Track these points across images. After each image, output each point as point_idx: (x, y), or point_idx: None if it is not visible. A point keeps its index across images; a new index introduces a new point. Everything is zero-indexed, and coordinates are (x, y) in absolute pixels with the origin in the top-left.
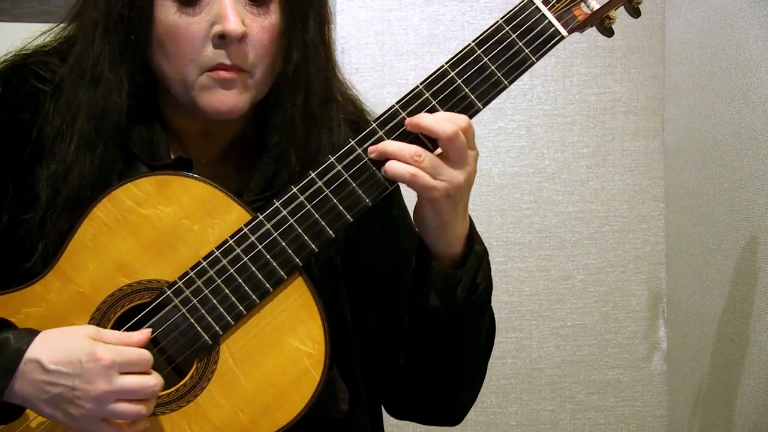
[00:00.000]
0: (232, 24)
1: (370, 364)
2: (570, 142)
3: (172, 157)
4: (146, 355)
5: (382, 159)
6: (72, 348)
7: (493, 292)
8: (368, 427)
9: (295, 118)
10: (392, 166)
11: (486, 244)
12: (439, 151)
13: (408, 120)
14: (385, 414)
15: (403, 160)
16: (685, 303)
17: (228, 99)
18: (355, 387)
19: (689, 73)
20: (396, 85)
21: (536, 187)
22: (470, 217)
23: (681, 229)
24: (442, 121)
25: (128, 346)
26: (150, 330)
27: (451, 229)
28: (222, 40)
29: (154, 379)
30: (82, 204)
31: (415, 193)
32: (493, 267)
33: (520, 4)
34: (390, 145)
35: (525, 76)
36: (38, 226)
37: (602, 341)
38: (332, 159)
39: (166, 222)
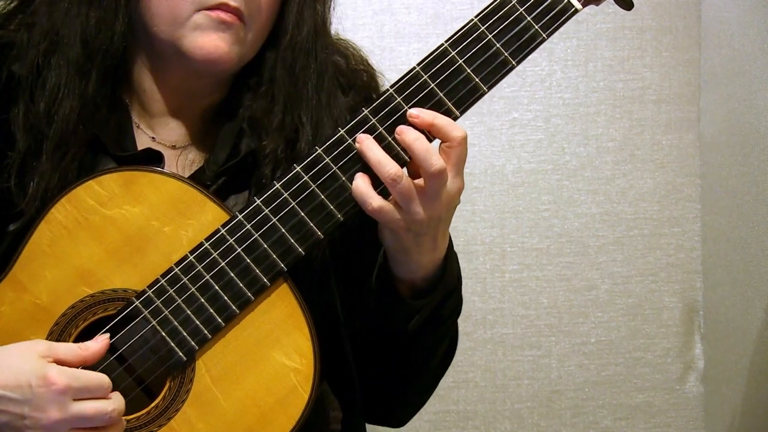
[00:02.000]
0: None
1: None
2: (594, 135)
3: (139, 147)
4: (105, 380)
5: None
6: (22, 370)
7: (509, 305)
8: None
9: (298, 83)
10: (356, 191)
11: (499, 250)
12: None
13: (398, 130)
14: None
15: (379, 174)
16: (723, 316)
17: (221, 43)
18: (349, 402)
19: (728, 57)
20: (397, 71)
21: (556, 186)
22: (450, 240)
23: (719, 233)
24: (432, 155)
25: (84, 359)
26: (107, 336)
27: (413, 256)
28: None
29: (113, 404)
30: (75, 141)
31: None
32: (507, 275)
33: None
34: (372, 151)
35: (543, 61)
36: (20, 169)
37: (630, 360)
38: (320, 150)
39: (134, 224)
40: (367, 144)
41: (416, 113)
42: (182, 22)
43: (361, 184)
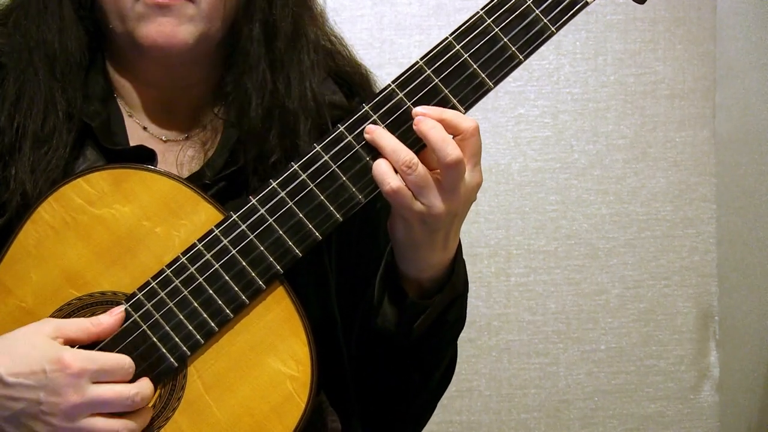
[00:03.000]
0: None
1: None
2: (603, 132)
3: (132, 140)
4: (124, 361)
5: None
6: (34, 355)
7: (514, 310)
8: None
9: (251, 57)
10: (376, 169)
11: (505, 252)
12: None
13: (416, 120)
14: None
15: (392, 163)
16: (740, 322)
17: (164, 28)
18: (348, 413)
19: (745, 50)
20: (397, 65)
21: (564, 186)
22: (460, 245)
23: (735, 234)
24: (449, 144)
25: (97, 335)
26: (122, 308)
27: (423, 253)
28: None
29: (135, 388)
30: (51, 145)
31: None
32: (513, 279)
33: None
34: (385, 139)
35: (550, 54)
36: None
37: (642, 368)
38: (318, 148)
39: (124, 224)
40: (378, 132)
41: (422, 111)
42: (127, 14)
43: (382, 163)
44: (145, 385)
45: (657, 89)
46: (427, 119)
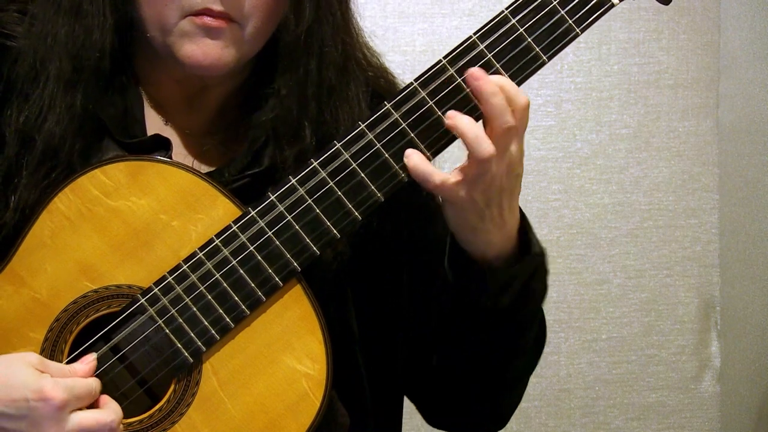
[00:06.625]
0: None
1: (385, 376)
2: (607, 122)
3: (149, 133)
4: (93, 385)
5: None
6: (16, 384)
7: None
8: None
9: (307, 88)
10: (415, 162)
11: None
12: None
13: (473, 74)
14: None
15: (474, 151)
16: (741, 313)
17: (211, 50)
18: (359, 409)
19: (749, 40)
20: (401, 53)
21: (566, 175)
22: (525, 218)
23: (738, 224)
24: (482, 141)
25: (72, 374)
26: (94, 356)
27: (480, 235)
28: None
29: (111, 414)
30: (59, 158)
31: None
32: None
33: None
34: (468, 126)
35: None
36: (6, 177)
37: (643, 357)
38: (338, 145)
39: (140, 216)
40: (459, 119)
41: (479, 74)
42: (170, 29)
43: (418, 160)
44: (118, 409)
45: (660, 79)
46: (489, 81)
